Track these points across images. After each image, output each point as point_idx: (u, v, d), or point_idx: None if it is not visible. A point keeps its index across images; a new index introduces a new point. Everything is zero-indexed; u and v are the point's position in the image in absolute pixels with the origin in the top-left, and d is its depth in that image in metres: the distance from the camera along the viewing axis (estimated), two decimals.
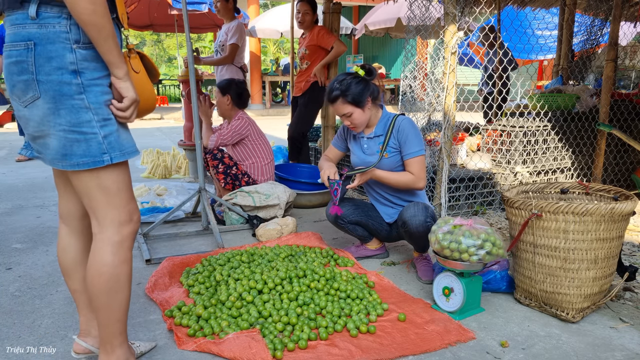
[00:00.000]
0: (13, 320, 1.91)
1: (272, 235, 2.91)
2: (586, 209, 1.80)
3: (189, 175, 4.88)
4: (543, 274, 1.93)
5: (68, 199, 1.48)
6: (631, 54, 5.17)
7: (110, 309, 1.38)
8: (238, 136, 3.42)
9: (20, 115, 1.29)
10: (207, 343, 1.70)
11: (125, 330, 1.44)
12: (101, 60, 1.25)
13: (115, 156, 1.30)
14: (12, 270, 2.43)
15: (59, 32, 1.20)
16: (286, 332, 1.81)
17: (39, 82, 1.21)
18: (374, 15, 10.87)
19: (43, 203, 3.84)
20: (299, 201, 3.70)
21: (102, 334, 1.41)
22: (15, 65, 1.22)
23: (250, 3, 12.55)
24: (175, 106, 14.94)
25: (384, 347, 1.72)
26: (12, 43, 1.21)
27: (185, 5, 2.90)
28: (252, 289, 2.07)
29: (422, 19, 3.67)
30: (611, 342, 1.78)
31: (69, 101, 1.23)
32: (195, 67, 3.31)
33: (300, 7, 4.20)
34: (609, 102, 3.54)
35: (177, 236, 3.02)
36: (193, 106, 3.01)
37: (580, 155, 3.92)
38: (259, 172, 3.52)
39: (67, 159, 1.27)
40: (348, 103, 2.28)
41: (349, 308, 1.98)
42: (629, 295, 2.16)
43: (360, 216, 2.50)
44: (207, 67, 15.80)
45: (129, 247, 1.39)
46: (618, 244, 1.94)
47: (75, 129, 1.24)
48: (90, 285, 1.37)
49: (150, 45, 30.50)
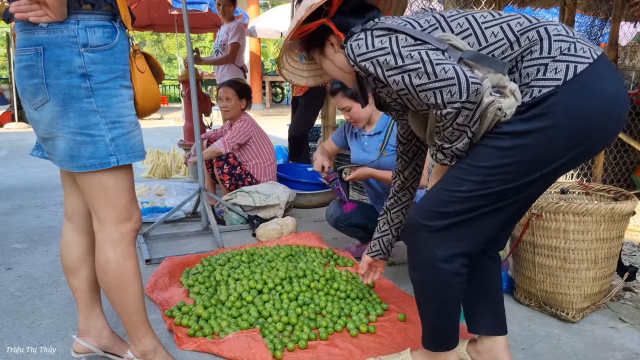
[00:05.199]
0: (13, 320, 1.91)
1: (272, 235, 2.91)
2: (586, 209, 1.80)
3: (189, 175, 4.88)
4: (543, 274, 1.94)
5: (74, 197, 1.50)
6: (631, 54, 5.17)
7: (124, 304, 1.43)
8: (245, 136, 3.42)
9: (31, 117, 1.32)
10: (207, 343, 1.70)
11: (146, 320, 1.49)
12: (109, 63, 1.28)
13: (122, 158, 1.32)
14: (12, 270, 2.43)
15: (67, 37, 1.22)
16: (286, 332, 1.81)
17: (49, 85, 1.24)
18: None
19: (43, 203, 3.84)
20: (299, 201, 3.70)
21: (126, 327, 1.47)
22: (26, 70, 1.25)
23: (250, 3, 12.56)
24: (175, 106, 14.95)
25: (384, 347, 1.72)
26: (22, 48, 1.24)
27: (185, 5, 2.90)
28: (252, 289, 2.08)
29: None
30: (611, 342, 1.78)
31: (78, 104, 1.25)
32: (195, 67, 3.31)
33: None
34: None
35: (177, 236, 3.02)
36: (193, 106, 3.01)
37: None
38: (261, 173, 3.52)
39: (75, 160, 1.29)
40: (347, 97, 2.29)
41: (348, 308, 1.98)
42: (629, 295, 2.16)
43: (360, 218, 2.50)
44: (207, 67, 15.81)
45: (129, 243, 1.41)
46: (618, 244, 1.94)
47: (83, 131, 1.27)
48: (100, 284, 1.43)
49: (150, 45, 30.51)
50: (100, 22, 1.26)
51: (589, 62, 1.12)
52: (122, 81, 1.32)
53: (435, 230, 1.26)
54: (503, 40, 1.18)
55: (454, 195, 1.24)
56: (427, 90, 1.13)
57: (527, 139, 1.14)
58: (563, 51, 1.13)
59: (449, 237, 1.27)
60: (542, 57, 1.14)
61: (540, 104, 1.13)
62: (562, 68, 1.12)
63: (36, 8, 1.19)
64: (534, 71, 1.15)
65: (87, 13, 1.24)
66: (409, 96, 1.21)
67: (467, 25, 1.22)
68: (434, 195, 1.30)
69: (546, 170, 1.18)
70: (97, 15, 1.25)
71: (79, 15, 1.23)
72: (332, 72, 1.46)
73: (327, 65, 1.45)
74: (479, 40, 1.19)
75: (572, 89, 1.12)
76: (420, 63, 1.13)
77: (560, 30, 1.17)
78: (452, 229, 1.26)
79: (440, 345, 1.42)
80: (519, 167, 1.17)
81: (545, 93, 1.12)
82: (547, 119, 1.13)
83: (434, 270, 1.28)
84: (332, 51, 1.40)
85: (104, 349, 1.57)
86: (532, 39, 1.16)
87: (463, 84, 1.09)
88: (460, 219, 1.25)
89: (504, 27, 1.19)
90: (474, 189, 1.21)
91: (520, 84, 1.17)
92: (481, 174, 1.19)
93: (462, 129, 1.16)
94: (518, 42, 1.17)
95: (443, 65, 1.11)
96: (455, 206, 1.24)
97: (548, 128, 1.13)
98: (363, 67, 1.24)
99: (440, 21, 1.24)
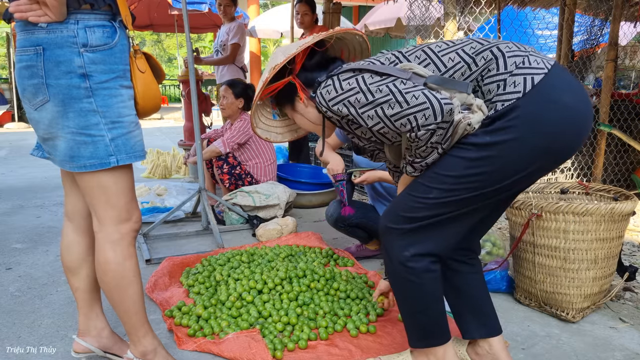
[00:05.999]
0: (13, 320, 1.91)
1: (272, 235, 2.91)
2: (586, 209, 1.80)
3: (189, 175, 4.88)
4: (543, 274, 1.94)
5: (74, 197, 1.50)
6: (631, 54, 5.18)
7: (124, 304, 1.43)
8: (245, 136, 3.42)
9: (31, 117, 1.33)
10: (207, 343, 1.70)
11: (146, 321, 1.49)
12: (109, 63, 1.28)
13: (122, 158, 1.32)
14: (12, 270, 2.43)
15: (66, 37, 1.22)
16: (286, 332, 1.81)
17: (49, 85, 1.24)
18: (374, 15, 10.85)
19: (43, 203, 3.84)
20: (299, 201, 3.70)
21: (126, 327, 1.47)
22: (26, 70, 1.25)
23: (250, 3, 12.55)
24: (175, 106, 14.95)
25: (384, 347, 1.72)
26: (22, 48, 1.25)
27: (185, 5, 2.90)
28: (252, 289, 2.07)
29: (422, 19, 3.67)
30: (611, 342, 1.78)
31: (78, 104, 1.26)
32: (195, 67, 3.31)
33: (299, 8, 4.20)
34: (609, 102, 3.54)
35: (177, 236, 3.02)
36: (193, 106, 3.01)
37: (580, 155, 3.92)
38: (261, 173, 3.52)
39: (75, 160, 1.29)
40: None
41: (348, 308, 1.98)
42: (629, 295, 2.16)
43: (360, 218, 2.50)
44: (207, 67, 15.81)
45: (129, 243, 1.41)
46: (618, 244, 1.94)
47: (83, 131, 1.27)
48: (100, 284, 1.44)
49: (150, 45, 30.51)
50: (99, 22, 1.26)
51: (544, 72, 1.18)
52: (122, 81, 1.32)
53: (403, 233, 1.32)
54: (461, 63, 1.24)
55: (421, 202, 1.29)
56: (402, 117, 1.18)
57: (492, 151, 1.20)
58: (518, 65, 1.20)
59: (416, 239, 1.32)
60: (499, 74, 1.20)
61: (504, 117, 1.18)
62: (520, 81, 1.18)
63: (36, 8, 1.19)
64: (495, 87, 1.20)
65: (87, 13, 1.24)
66: (385, 129, 1.24)
67: (424, 56, 1.28)
68: (402, 201, 1.36)
69: (512, 179, 1.23)
70: (97, 15, 1.26)
71: (79, 15, 1.23)
72: (305, 126, 1.53)
73: (300, 120, 1.52)
74: (438, 67, 1.25)
75: (532, 101, 1.17)
76: (390, 95, 1.19)
77: (511, 47, 1.23)
78: (419, 231, 1.32)
79: (426, 340, 1.43)
80: (484, 177, 1.23)
81: (508, 106, 1.18)
82: (510, 132, 1.18)
83: (406, 269, 1.33)
84: (303, 106, 1.47)
85: (104, 349, 1.57)
86: (487, 59, 1.22)
87: (436, 107, 1.14)
88: (427, 223, 1.30)
89: (459, 52, 1.25)
90: (440, 196, 1.27)
91: (485, 101, 1.22)
92: (448, 182, 1.25)
93: (435, 146, 1.22)
94: (475, 62, 1.23)
95: (412, 92, 1.17)
96: (422, 212, 1.30)
97: (511, 140, 1.18)
98: (336, 110, 1.28)
99: (399, 57, 1.31)
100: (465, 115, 1.18)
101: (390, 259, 1.36)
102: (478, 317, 1.51)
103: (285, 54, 1.38)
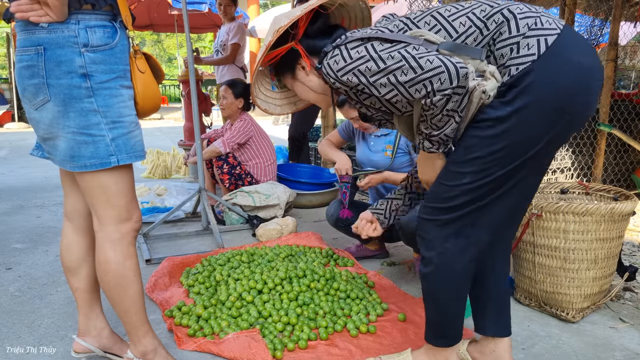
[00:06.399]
0: (13, 320, 1.91)
1: (272, 235, 2.91)
2: (586, 209, 1.80)
3: (189, 175, 4.89)
4: (543, 274, 1.94)
5: (74, 197, 1.50)
6: (631, 54, 5.18)
7: (124, 304, 1.43)
8: (245, 136, 3.42)
9: (31, 117, 1.32)
10: (207, 343, 1.71)
11: (146, 320, 1.49)
12: (110, 63, 1.28)
13: (122, 158, 1.33)
14: (12, 270, 2.43)
15: (67, 37, 1.22)
16: (286, 332, 1.81)
17: (49, 85, 1.24)
18: (374, 15, 10.83)
19: (43, 203, 3.84)
20: (299, 201, 3.70)
21: (126, 327, 1.47)
22: (26, 70, 1.25)
23: (250, 3, 12.57)
24: (175, 106, 14.95)
25: (384, 347, 1.72)
26: (23, 48, 1.25)
27: (185, 5, 2.90)
28: (252, 289, 2.07)
29: None
30: (611, 342, 1.78)
31: (79, 104, 1.26)
32: (195, 67, 3.31)
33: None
34: (609, 102, 3.54)
35: (177, 236, 3.02)
36: (193, 106, 3.01)
37: (580, 155, 3.92)
38: (261, 173, 3.52)
39: (75, 160, 1.30)
40: (355, 107, 2.28)
41: (348, 308, 1.98)
42: (629, 295, 2.16)
43: None
44: (207, 67, 15.81)
45: (129, 243, 1.41)
46: (618, 244, 1.94)
47: (83, 131, 1.27)
48: (100, 283, 1.44)
49: (150, 45, 30.51)
50: (100, 22, 1.26)
51: (557, 32, 1.15)
52: (123, 81, 1.32)
53: (442, 224, 1.29)
54: (472, 28, 1.20)
55: (456, 189, 1.25)
56: (417, 83, 1.14)
57: (512, 121, 1.16)
58: (531, 27, 1.16)
59: (456, 230, 1.29)
60: (512, 37, 1.17)
61: (520, 82, 1.15)
62: (533, 43, 1.14)
63: (37, 8, 1.19)
64: (508, 51, 1.17)
65: (88, 13, 1.24)
66: (397, 97, 1.21)
67: (434, 22, 1.24)
68: (436, 192, 1.31)
69: (537, 147, 1.19)
70: (98, 15, 1.26)
71: (80, 15, 1.23)
72: (306, 96, 1.49)
73: (300, 89, 1.47)
74: (449, 32, 1.21)
75: (547, 63, 1.13)
76: (403, 60, 1.15)
77: (522, 9, 1.19)
78: (458, 221, 1.28)
79: (443, 339, 1.43)
80: (510, 150, 1.19)
81: (523, 70, 1.14)
82: (528, 96, 1.14)
83: (444, 265, 1.31)
84: (304, 74, 1.43)
85: (104, 349, 1.57)
86: (499, 22, 1.18)
87: (452, 70, 1.11)
88: (465, 212, 1.27)
89: (469, 15, 1.21)
90: (475, 179, 1.23)
91: (497, 66, 1.19)
92: (477, 163, 1.21)
93: (451, 114, 1.18)
94: (486, 26, 1.19)
95: (426, 57, 1.13)
96: (459, 199, 1.26)
97: (532, 104, 1.15)
98: (346, 81, 1.25)
99: (407, 24, 1.26)
100: (479, 82, 1.14)
101: (428, 253, 1.33)
102: (498, 314, 1.48)
103: (288, 17, 1.33)
